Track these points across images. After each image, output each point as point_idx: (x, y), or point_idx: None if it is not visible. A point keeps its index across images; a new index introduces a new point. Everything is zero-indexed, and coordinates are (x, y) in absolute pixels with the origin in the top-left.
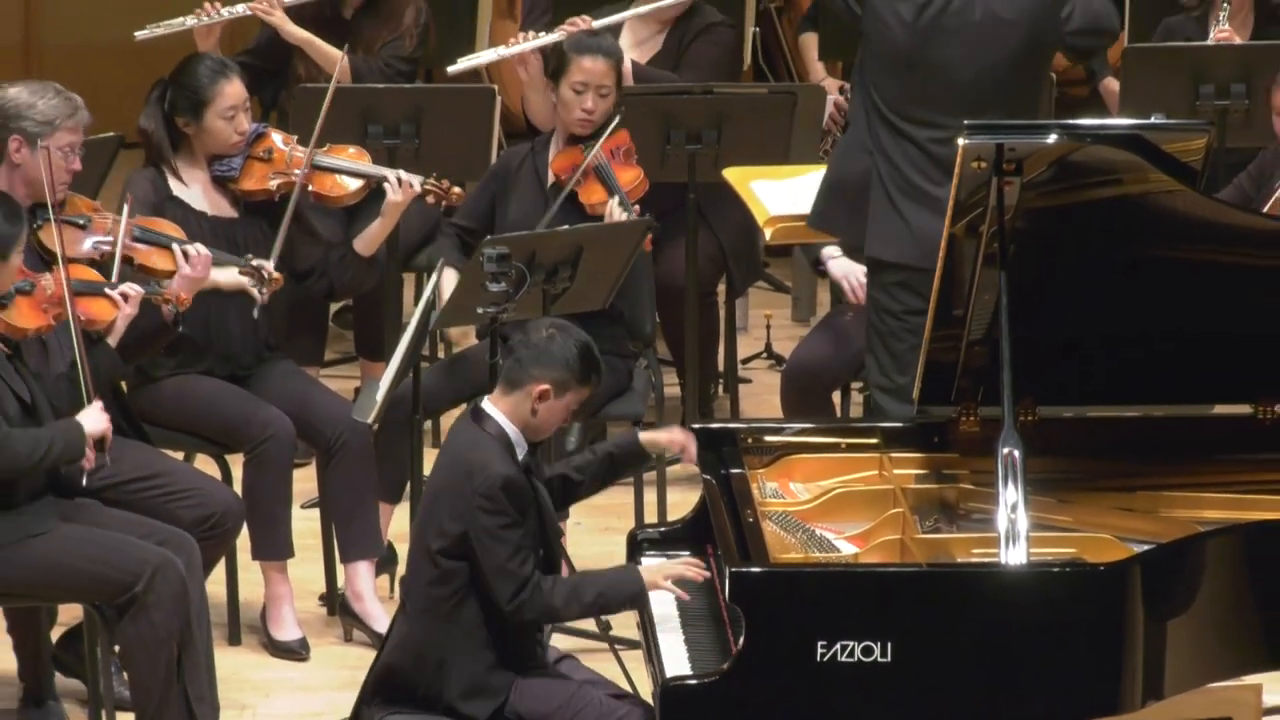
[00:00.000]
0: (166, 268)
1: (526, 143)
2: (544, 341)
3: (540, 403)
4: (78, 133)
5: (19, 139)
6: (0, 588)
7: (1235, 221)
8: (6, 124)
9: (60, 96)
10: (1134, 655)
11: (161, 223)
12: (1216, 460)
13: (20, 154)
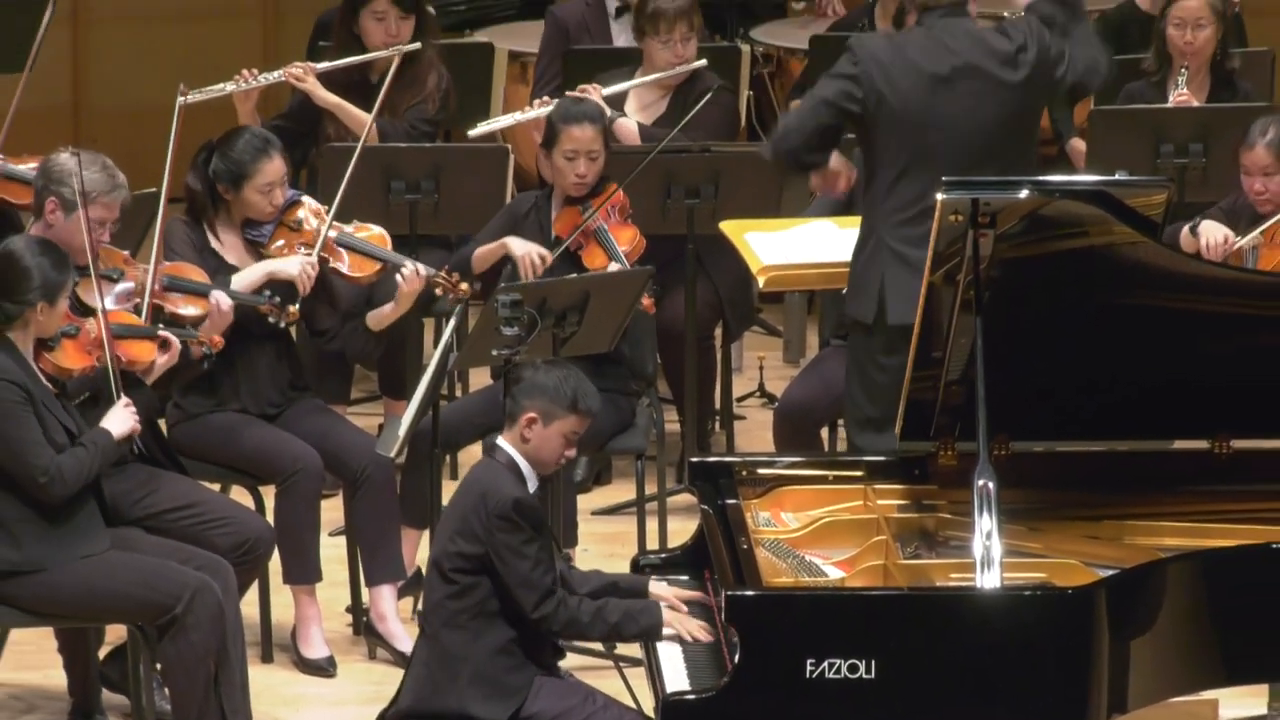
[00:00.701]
0: (195, 312)
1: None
2: (531, 374)
3: (529, 430)
4: (113, 210)
5: (55, 202)
6: (52, 609)
7: (1193, 271)
8: (49, 185)
9: (104, 172)
10: (1099, 672)
11: (187, 268)
12: (1176, 492)
13: (55, 216)
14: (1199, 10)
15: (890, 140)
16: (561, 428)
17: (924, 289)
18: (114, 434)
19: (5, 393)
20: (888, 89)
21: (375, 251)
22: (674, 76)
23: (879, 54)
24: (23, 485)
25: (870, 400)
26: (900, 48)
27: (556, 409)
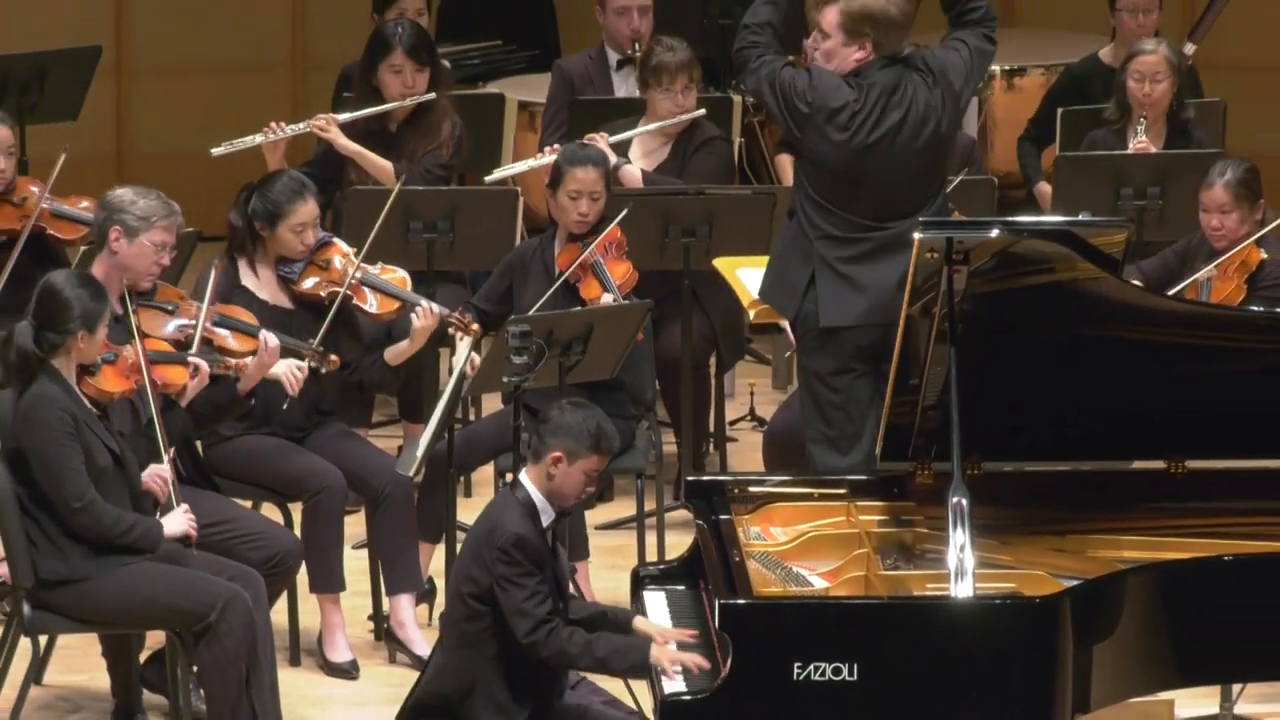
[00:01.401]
0: (239, 349)
1: (537, 236)
2: (558, 416)
3: (554, 468)
4: (170, 233)
5: (119, 230)
6: (96, 617)
7: (1150, 304)
8: (111, 216)
9: (160, 200)
10: (1064, 674)
11: (239, 310)
12: (1135, 509)
13: (119, 243)
14: (1157, 65)
15: (823, 178)
16: (584, 466)
17: (902, 321)
18: (165, 532)
19: (56, 421)
20: (820, 140)
21: (396, 292)
22: (675, 125)
23: (827, 82)
24: (56, 506)
25: (825, 421)
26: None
27: (580, 449)
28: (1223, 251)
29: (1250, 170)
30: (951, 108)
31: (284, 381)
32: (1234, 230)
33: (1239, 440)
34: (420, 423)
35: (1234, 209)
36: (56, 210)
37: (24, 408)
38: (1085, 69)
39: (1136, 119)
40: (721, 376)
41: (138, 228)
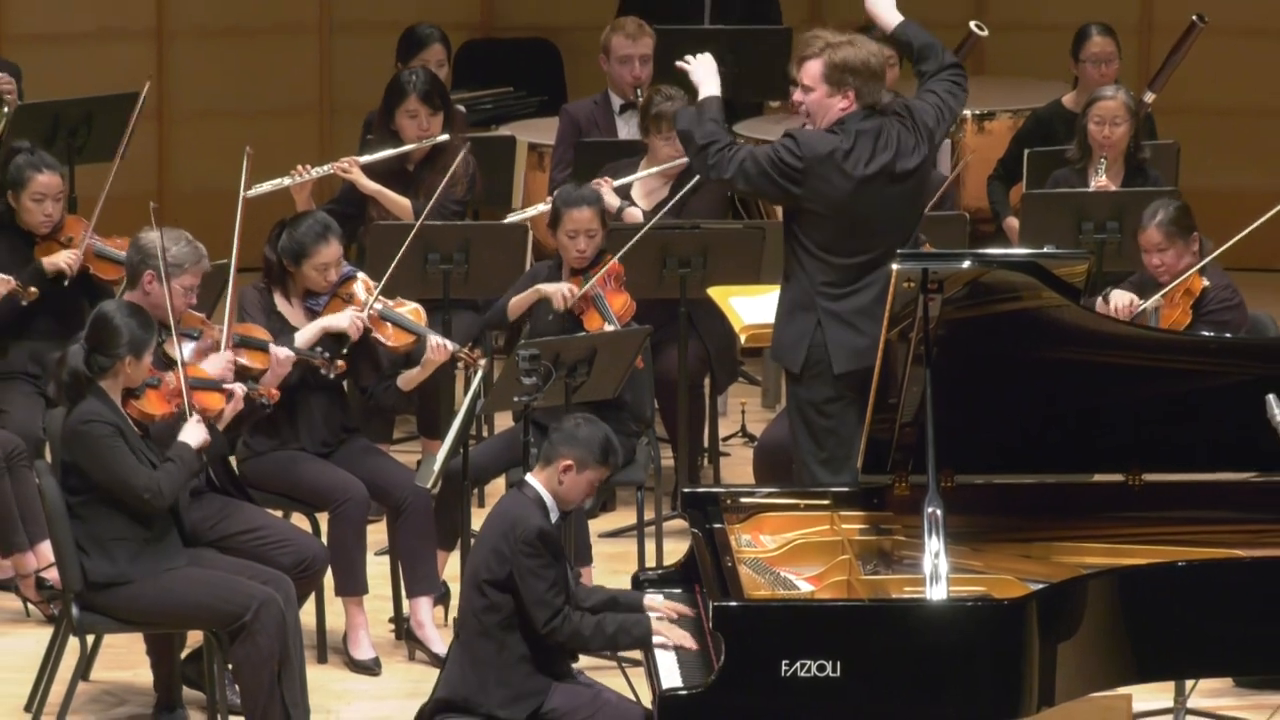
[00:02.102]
0: (259, 365)
1: (545, 263)
2: (572, 428)
3: (564, 475)
4: (198, 277)
5: (152, 274)
6: (140, 617)
7: (1108, 329)
8: (145, 261)
9: (190, 246)
10: (1031, 671)
11: (255, 329)
12: (1096, 517)
13: (151, 286)
14: (1116, 110)
15: (820, 226)
16: (590, 475)
17: (881, 345)
18: (192, 445)
19: (99, 430)
20: (821, 184)
21: (411, 326)
22: (674, 167)
23: (814, 141)
24: (130, 504)
25: (818, 445)
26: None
27: (590, 459)
28: (1168, 284)
29: (1180, 208)
30: (926, 148)
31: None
32: (1173, 264)
33: (1190, 455)
34: (438, 439)
35: (1169, 245)
36: (100, 251)
37: (72, 423)
38: (1049, 113)
39: (1097, 159)
40: (715, 396)
41: (171, 273)
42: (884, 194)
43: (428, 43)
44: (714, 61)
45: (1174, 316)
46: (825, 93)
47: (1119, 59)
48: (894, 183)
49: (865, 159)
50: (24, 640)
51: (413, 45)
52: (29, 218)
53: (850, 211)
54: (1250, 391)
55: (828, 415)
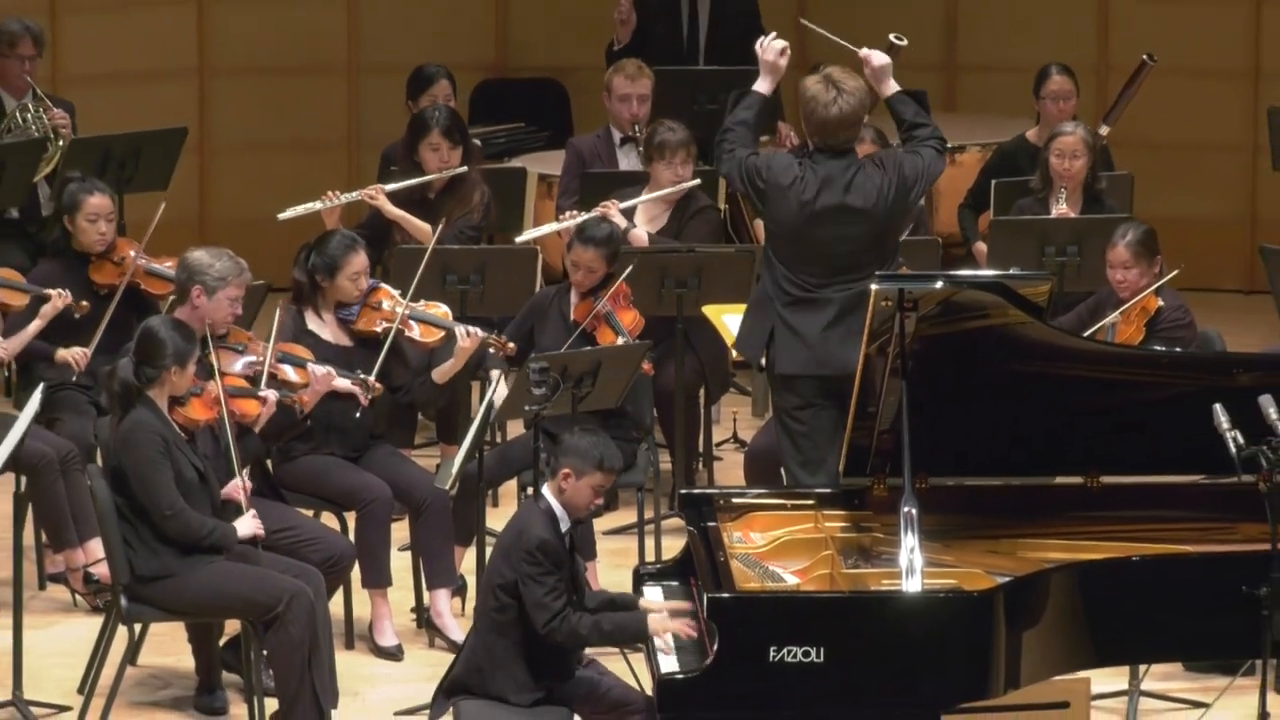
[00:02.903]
0: (299, 381)
1: (554, 285)
2: (569, 439)
3: (565, 482)
4: (241, 288)
5: (200, 288)
6: (182, 607)
7: (1069, 344)
8: (192, 276)
9: (232, 261)
10: (998, 656)
11: (297, 348)
12: (1058, 516)
13: (200, 299)
14: (1075, 144)
15: (780, 243)
16: (590, 482)
17: (861, 360)
18: (239, 534)
19: (150, 443)
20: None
21: (440, 322)
22: (675, 193)
23: (781, 178)
24: (151, 515)
25: (795, 448)
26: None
27: (587, 467)
28: (1127, 301)
29: (1148, 232)
30: (900, 196)
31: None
32: (1135, 283)
33: (1144, 459)
34: (455, 444)
35: (1134, 265)
36: (149, 269)
37: (123, 431)
38: (1014, 147)
39: (1058, 189)
40: (709, 405)
41: (216, 286)
42: (838, 226)
43: (435, 80)
44: (781, 59)
45: (1129, 333)
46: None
47: (1077, 96)
48: (850, 218)
49: (813, 195)
50: (75, 629)
51: (421, 82)
52: (84, 238)
53: (802, 237)
54: (1198, 401)
55: (801, 421)
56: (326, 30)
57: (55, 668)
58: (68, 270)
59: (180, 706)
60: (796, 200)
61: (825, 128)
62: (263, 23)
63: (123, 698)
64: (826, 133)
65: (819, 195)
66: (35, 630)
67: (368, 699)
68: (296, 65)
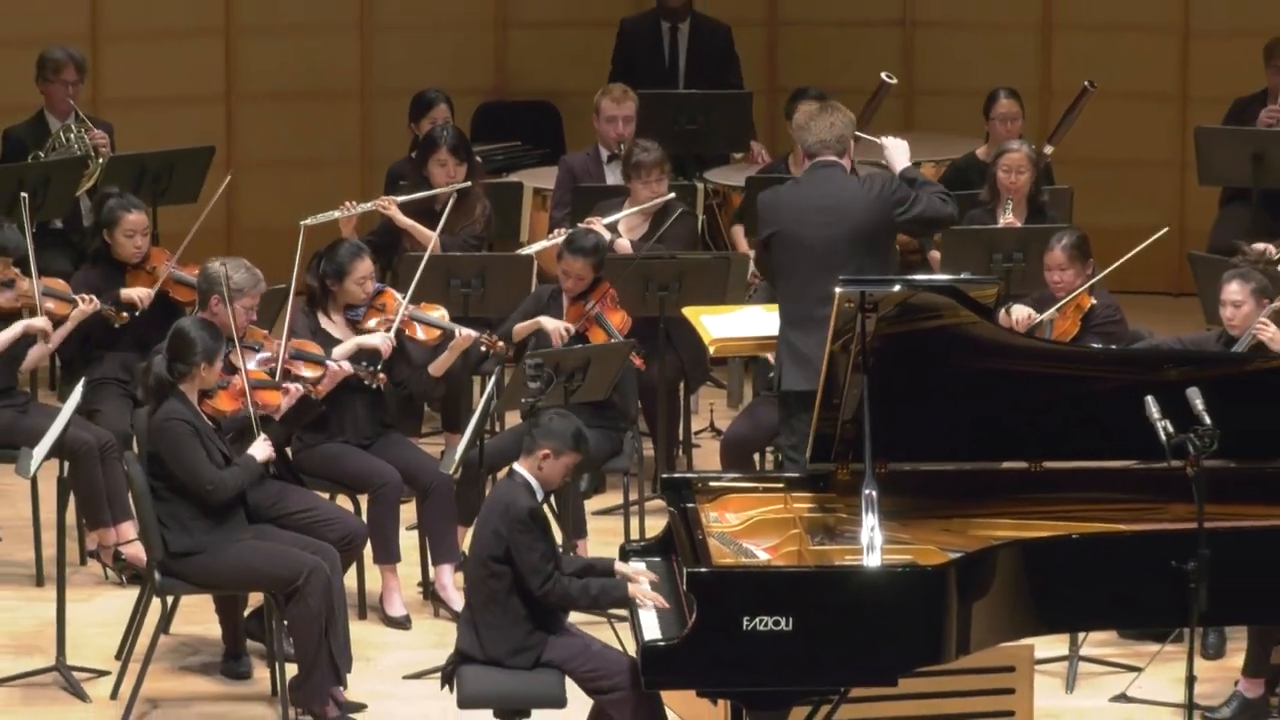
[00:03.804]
0: (314, 374)
1: (548, 286)
2: (547, 422)
3: (544, 461)
4: (256, 298)
5: (218, 298)
6: (210, 581)
7: (1015, 342)
8: (212, 286)
9: (249, 272)
10: (950, 624)
11: (309, 344)
12: (1004, 498)
13: (217, 307)
14: (1020, 161)
15: (782, 255)
16: (566, 460)
17: (826, 356)
18: (258, 458)
19: (178, 428)
20: (773, 222)
21: (438, 323)
22: (652, 206)
23: (770, 201)
24: (195, 492)
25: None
26: (785, 196)
27: (564, 447)
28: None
29: (1081, 237)
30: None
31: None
32: (1070, 283)
33: (1082, 446)
34: (458, 433)
35: (1069, 266)
36: (178, 277)
37: (158, 420)
38: (965, 163)
39: (1004, 202)
40: (688, 397)
41: (233, 296)
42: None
43: (435, 104)
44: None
45: (1065, 328)
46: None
47: (1023, 118)
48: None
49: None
50: (113, 601)
51: (422, 106)
52: (122, 251)
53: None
54: (1131, 393)
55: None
56: (341, 59)
57: (95, 636)
58: (106, 278)
59: (208, 671)
60: (793, 205)
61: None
62: (284, 53)
63: (156, 663)
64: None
65: (817, 197)
66: (76, 602)
67: (379, 664)
68: (314, 91)
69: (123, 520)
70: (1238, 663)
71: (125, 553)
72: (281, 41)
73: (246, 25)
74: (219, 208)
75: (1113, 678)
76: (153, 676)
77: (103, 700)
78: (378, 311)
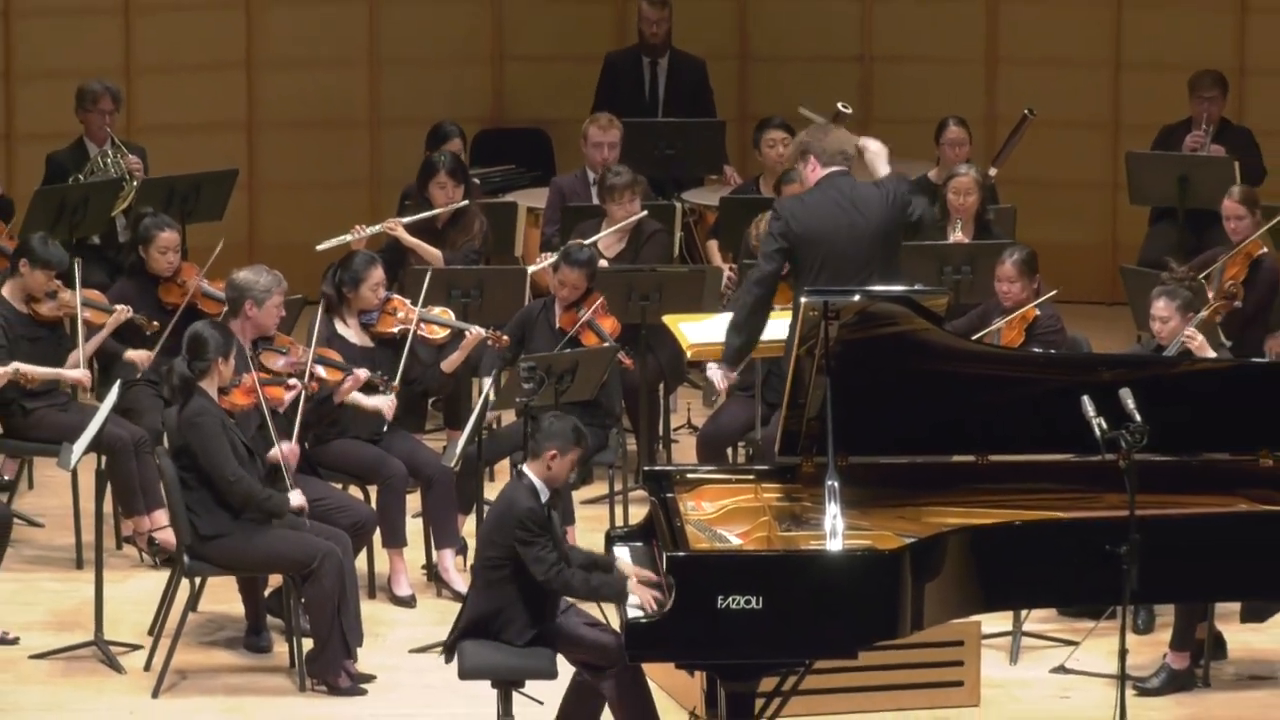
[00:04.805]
0: (333, 378)
1: (539, 299)
2: (549, 425)
3: (552, 461)
4: (283, 295)
5: (251, 302)
6: (234, 563)
7: (965, 347)
8: (243, 293)
9: (273, 276)
10: (905, 602)
11: (331, 353)
12: (954, 488)
13: (252, 311)
14: (968, 184)
15: (809, 256)
16: (571, 456)
17: (792, 360)
18: (291, 504)
19: (210, 423)
20: (800, 227)
21: (448, 323)
22: (626, 225)
23: (794, 208)
24: (216, 483)
25: None
26: (809, 201)
27: (568, 445)
28: (1010, 310)
29: (1029, 253)
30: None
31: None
32: (1018, 295)
33: (1024, 440)
34: (458, 429)
35: (1018, 279)
36: (206, 291)
37: (186, 416)
38: (919, 185)
39: (954, 220)
40: (668, 397)
41: (263, 298)
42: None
43: (450, 136)
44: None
45: (1011, 336)
46: (803, 165)
47: (970, 143)
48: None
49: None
50: (146, 582)
51: (438, 137)
52: (155, 265)
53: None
54: (1069, 394)
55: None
56: (352, 91)
57: (130, 613)
58: (141, 289)
59: (232, 645)
60: (816, 210)
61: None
62: (300, 85)
63: (185, 638)
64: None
65: (837, 200)
66: (113, 583)
67: (387, 639)
68: (327, 119)
69: (155, 508)
70: (1166, 637)
71: (158, 538)
72: (298, 75)
73: (266, 60)
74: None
75: (1052, 651)
76: (182, 650)
77: (136, 671)
78: (389, 316)
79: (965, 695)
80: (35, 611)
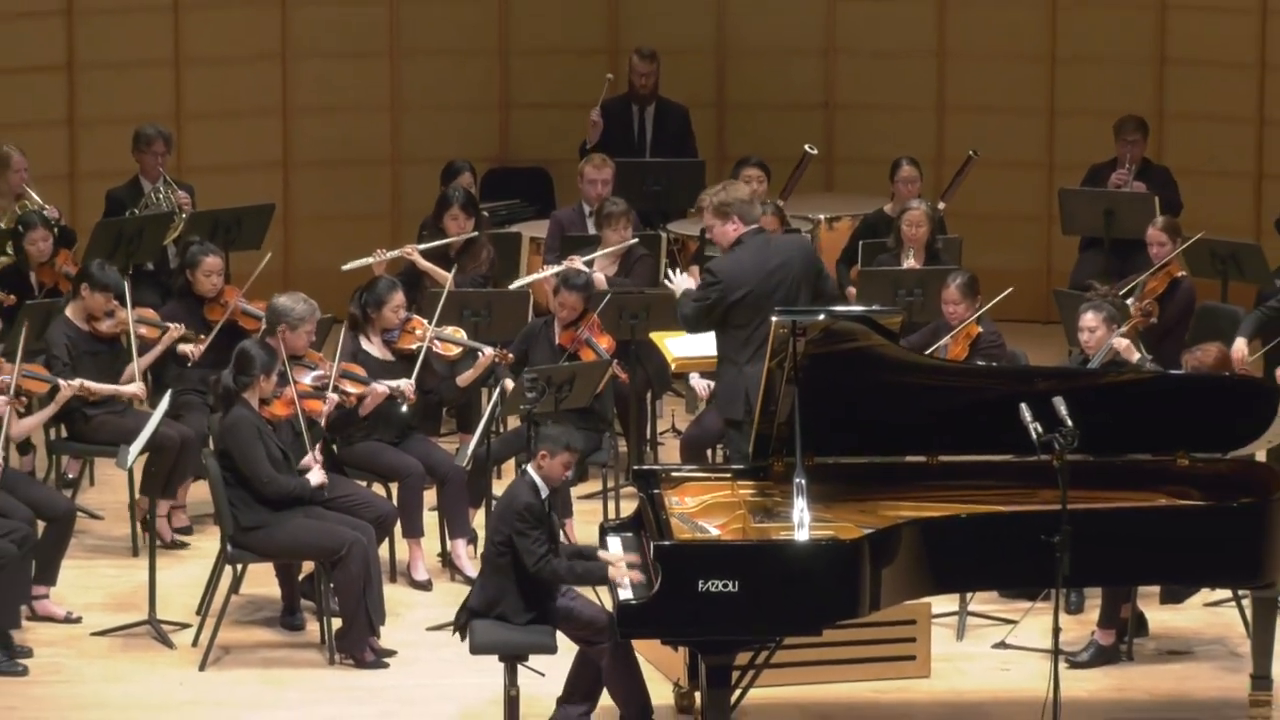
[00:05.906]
0: (357, 392)
1: (541, 318)
2: (545, 430)
3: (543, 461)
4: (314, 324)
5: (285, 326)
6: (272, 551)
7: (917, 360)
8: (280, 318)
9: (307, 304)
10: (864, 586)
11: (355, 366)
12: (907, 485)
13: (285, 334)
14: (919, 218)
15: (747, 310)
16: (561, 459)
17: (765, 372)
18: (313, 483)
19: (248, 431)
20: (731, 282)
21: (461, 341)
22: (619, 249)
23: (735, 267)
24: (251, 482)
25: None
26: (735, 258)
27: (557, 448)
28: (956, 327)
29: (971, 277)
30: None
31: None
32: (962, 314)
33: (969, 442)
34: (470, 433)
35: (962, 300)
36: (245, 309)
37: (228, 423)
38: (876, 218)
39: (907, 249)
40: (654, 404)
41: (297, 324)
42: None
43: (461, 171)
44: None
45: (956, 350)
46: (719, 224)
47: (920, 180)
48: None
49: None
50: (193, 567)
51: (451, 173)
52: (201, 287)
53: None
54: (1009, 401)
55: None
56: (375, 133)
57: (179, 595)
58: (188, 309)
59: (270, 624)
60: (741, 267)
61: (746, 204)
62: (329, 128)
63: (228, 617)
64: (748, 207)
65: (760, 258)
66: (164, 569)
67: (406, 619)
68: (353, 159)
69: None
70: (1094, 617)
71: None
72: (328, 120)
73: (300, 106)
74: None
75: (994, 629)
76: (225, 628)
77: (185, 647)
78: (409, 334)
79: (917, 668)
80: (95, 594)
